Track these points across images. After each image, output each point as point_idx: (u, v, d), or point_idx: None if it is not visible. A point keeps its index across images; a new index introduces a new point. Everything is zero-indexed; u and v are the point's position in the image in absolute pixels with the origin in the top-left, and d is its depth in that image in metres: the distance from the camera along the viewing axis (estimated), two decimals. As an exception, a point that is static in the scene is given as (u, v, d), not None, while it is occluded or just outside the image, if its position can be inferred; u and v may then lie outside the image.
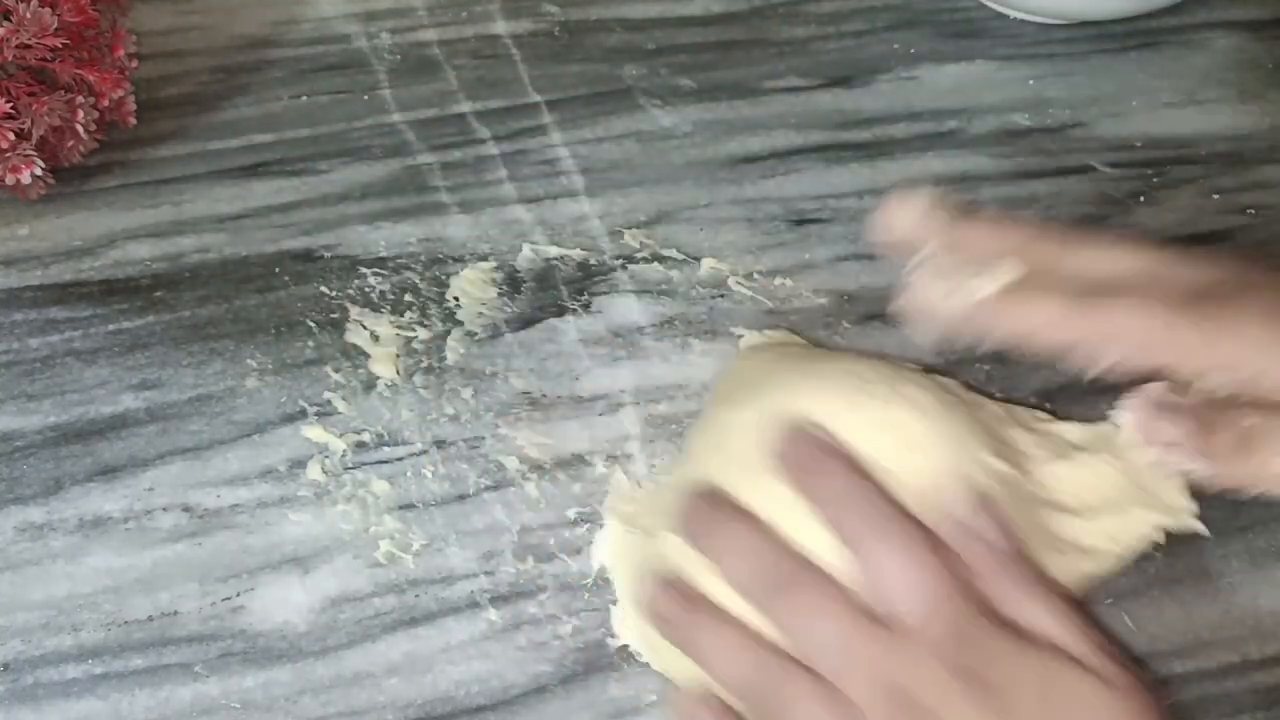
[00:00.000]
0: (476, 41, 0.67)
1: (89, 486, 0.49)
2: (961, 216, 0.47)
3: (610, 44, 0.67)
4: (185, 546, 0.48)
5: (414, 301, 0.56)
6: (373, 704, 0.45)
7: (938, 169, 0.62)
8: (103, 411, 0.52)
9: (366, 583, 0.48)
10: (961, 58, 0.67)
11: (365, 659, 0.46)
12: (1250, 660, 0.48)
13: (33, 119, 0.53)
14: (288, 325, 0.55)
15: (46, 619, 0.46)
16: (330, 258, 0.57)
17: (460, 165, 0.61)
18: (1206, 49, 0.68)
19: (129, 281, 0.56)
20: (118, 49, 0.56)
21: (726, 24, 0.68)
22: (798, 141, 0.63)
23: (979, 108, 0.65)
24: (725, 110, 0.64)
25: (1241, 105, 0.66)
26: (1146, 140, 0.64)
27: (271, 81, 0.64)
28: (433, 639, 0.47)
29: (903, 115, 0.64)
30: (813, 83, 0.66)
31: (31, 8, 0.51)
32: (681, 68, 0.66)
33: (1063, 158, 0.63)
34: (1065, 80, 0.67)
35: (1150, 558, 0.50)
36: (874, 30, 0.68)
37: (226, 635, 0.46)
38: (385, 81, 0.64)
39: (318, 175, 0.60)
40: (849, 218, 0.60)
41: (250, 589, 0.47)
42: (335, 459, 0.51)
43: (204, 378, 0.53)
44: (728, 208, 0.60)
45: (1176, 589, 0.49)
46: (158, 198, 0.59)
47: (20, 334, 0.54)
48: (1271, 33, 0.69)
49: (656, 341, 0.55)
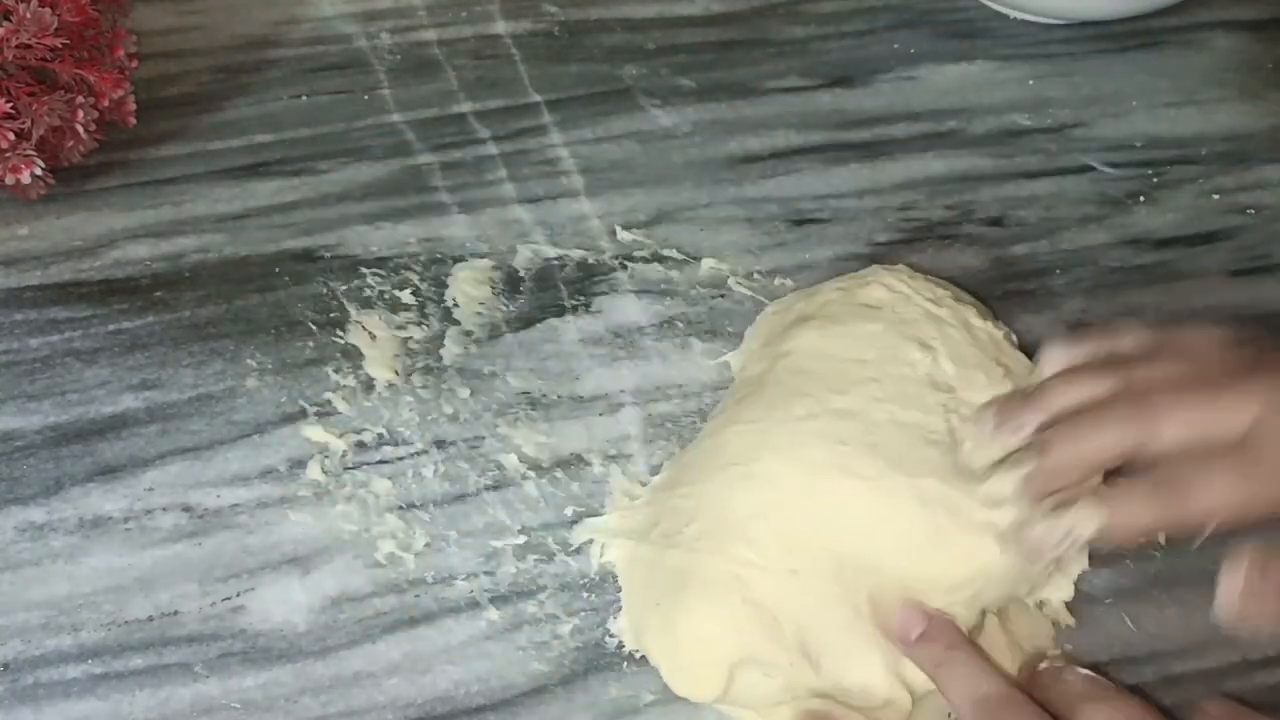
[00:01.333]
0: (476, 41, 0.67)
1: (89, 486, 0.49)
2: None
3: (610, 44, 0.67)
4: (185, 546, 0.48)
5: (413, 301, 0.56)
6: (373, 704, 0.45)
7: (938, 169, 0.62)
8: (103, 411, 0.52)
9: (366, 583, 0.48)
10: (961, 58, 0.67)
11: (365, 659, 0.46)
12: (1250, 660, 0.48)
13: (33, 119, 0.53)
14: (288, 325, 0.55)
15: (46, 619, 0.46)
16: (330, 258, 0.57)
17: (460, 165, 0.61)
18: (1206, 49, 0.68)
19: (129, 281, 0.56)
20: (118, 49, 0.56)
21: (726, 24, 0.68)
22: (798, 141, 0.63)
23: (979, 108, 0.65)
24: (725, 110, 0.64)
25: (1241, 105, 0.66)
26: (1146, 140, 0.64)
27: (271, 81, 0.64)
28: (433, 639, 0.47)
29: (903, 115, 0.64)
30: (813, 83, 0.66)
31: (31, 8, 0.51)
32: (681, 68, 0.66)
33: (1063, 158, 0.63)
34: (1065, 80, 0.67)
35: (1150, 558, 0.50)
36: (874, 30, 0.68)
37: (226, 635, 0.46)
38: (385, 81, 0.64)
39: (318, 175, 0.60)
40: (849, 218, 0.60)
41: (250, 589, 0.47)
42: (335, 459, 0.51)
43: (204, 378, 0.53)
44: (728, 208, 0.60)
45: (1176, 589, 0.49)
46: (158, 198, 0.59)
47: (20, 334, 0.54)
48: (1271, 33, 0.69)
49: (656, 341, 0.55)
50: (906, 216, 0.60)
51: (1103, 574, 0.49)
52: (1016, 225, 0.60)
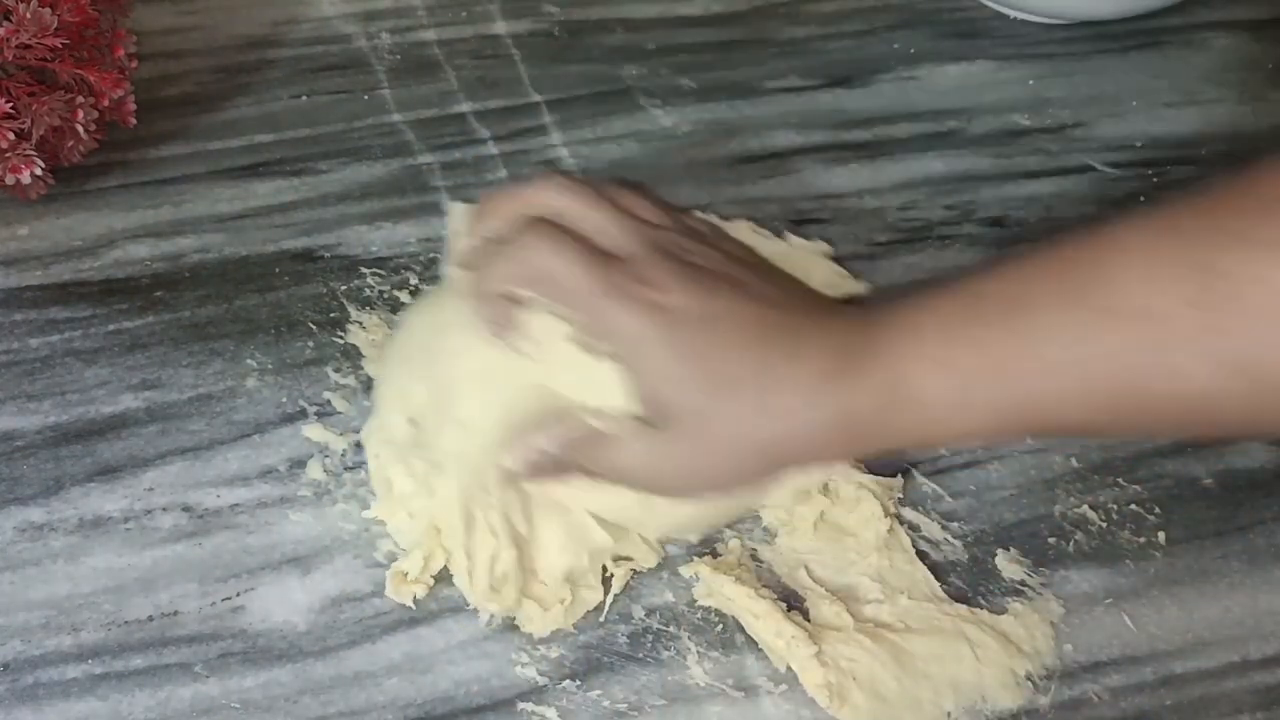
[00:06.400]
0: (476, 41, 0.67)
1: (89, 486, 0.49)
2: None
3: (610, 44, 0.67)
4: (185, 546, 0.48)
5: (412, 302, 0.55)
6: (373, 704, 0.45)
7: (938, 169, 0.62)
8: (103, 411, 0.52)
9: (366, 583, 0.48)
10: (961, 58, 0.67)
11: (365, 659, 0.46)
12: (1250, 660, 0.48)
13: (33, 119, 0.53)
14: (288, 325, 0.55)
15: (46, 619, 0.46)
16: (330, 258, 0.57)
17: (460, 165, 0.61)
18: (1206, 49, 0.68)
19: (129, 281, 0.56)
20: (118, 49, 0.56)
21: (726, 24, 0.68)
22: (798, 141, 0.63)
23: (979, 108, 0.65)
24: (725, 110, 0.64)
25: (1241, 105, 0.66)
26: (1146, 140, 0.64)
27: (271, 81, 0.64)
28: (433, 639, 0.47)
29: (903, 115, 0.64)
30: (813, 83, 0.66)
31: (31, 8, 0.51)
32: (681, 68, 0.66)
33: (1063, 158, 0.63)
34: (1065, 80, 0.67)
35: (1150, 557, 0.50)
36: (874, 30, 0.68)
37: (226, 635, 0.46)
38: (385, 81, 0.64)
39: (318, 175, 0.60)
40: (849, 218, 0.60)
41: (250, 589, 0.47)
42: (335, 459, 0.51)
43: (204, 378, 0.53)
44: (728, 208, 0.60)
45: (1176, 589, 0.49)
46: (158, 198, 0.59)
47: (20, 334, 0.54)
48: (1271, 33, 0.69)
49: (656, 341, 0.55)
50: (906, 216, 0.60)
51: (1103, 574, 0.49)
52: (1016, 225, 0.60)
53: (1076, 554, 0.50)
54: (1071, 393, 0.41)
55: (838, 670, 0.45)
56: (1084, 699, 0.46)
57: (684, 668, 0.46)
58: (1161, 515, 0.51)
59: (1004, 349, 0.42)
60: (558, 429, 0.45)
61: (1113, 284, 0.40)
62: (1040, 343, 0.41)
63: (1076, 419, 0.43)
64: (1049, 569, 0.49)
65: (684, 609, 0.48)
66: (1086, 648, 0.48)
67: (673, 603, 0.48)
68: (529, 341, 0.46)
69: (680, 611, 0.48)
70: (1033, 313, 0.41)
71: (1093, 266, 0.41)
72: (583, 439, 0.45)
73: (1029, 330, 0.41)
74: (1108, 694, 0.47)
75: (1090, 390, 0.41)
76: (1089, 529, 0.51)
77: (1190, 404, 0.40)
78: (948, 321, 0.43)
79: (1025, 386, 0.42)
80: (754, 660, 0.47)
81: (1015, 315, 0.42)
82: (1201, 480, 0.52)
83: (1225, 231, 0.39)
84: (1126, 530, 0.51)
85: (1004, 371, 0.42)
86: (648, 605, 0.48)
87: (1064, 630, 0.48)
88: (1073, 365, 0.41)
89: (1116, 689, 0.47)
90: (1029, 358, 0.41)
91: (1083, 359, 0.40)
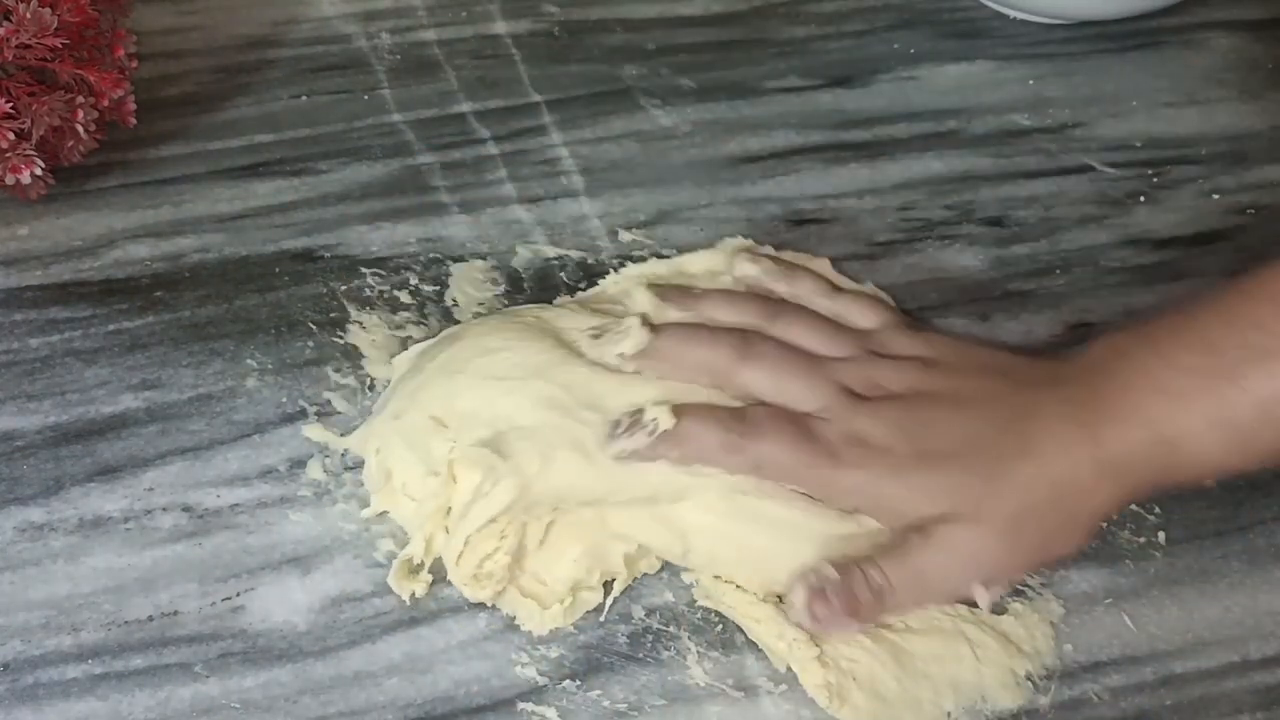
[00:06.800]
0: (476, 41, 0.67)
1: (89, 486, 0.49)
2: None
3: (610, 44, 0.67)
4: (185, 546, 0.48)
5: (412, 302, 0.56)
6: (373, 704, 0.45)
7: (938, 169, 0.62)
8: (103, 411, 0.52)
9: (366, 583, 0.48)
10: (961, 58, 0.67)
11: (365, 659, 0.46)
12: (1250, 660, 0.48)
13: (33, 119, 0.53)
14: (288, 325, 0.55)
15: (46, 619, 0.46)
16: (330, 258, 0.57)
17: (460, 165, 0.61)
18: (1206, 49, 0.68)
19: (129, 281, 0.56)
20: (118, 49, 0.56)
21: (726, 24, 0.68)
22: (798, 141, 0.63)
23: (979, 108, 0.65)
24: (725, 110, 0.64)
25: (1241, 105, 0.66)
26: (1146, 140, 0.64)
27: (271, 81, 0.64)
28: (433, 639, 0.47)
29: (903, 115, 0.65)
30: (813, 83, 0.66)
31: (31, 8, 0.51)
32: (681, 68, 0.66)
33: (1063, 158, 0.63)
34: (1065, 80, 0.67)
35: (1150, 557, 0.50)
36: (874, 30, 0.68)
37: (226, 635, 0.46)
38: (385, 81, 0.64)
39: (318, 175, 0.60)
40: (849, 218, 0.60)
41: (250, 589, 0.47)
42: (335, 459, 0.51)
43: (204, 378, 0.53)
44: (728, 208, 0.60)
45: (1176, 589, 0.49)
46: (158, 198, 0.59)
47: (20, 334, 0.54)
48: (1271, 33, 0.69)
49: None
50: (906, 216, 0.60)
51: (1103, 574, 0.49)
52: (1016, 225, 0.61)
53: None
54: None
55: (838, 670, 0.45)
56: (1084, 699, 0.46)
57: (684, 668, 0.46)
58: (1161, 515, 0.51)
59: (1241, 376, 0.45)
60: (844, 594, 0.45)
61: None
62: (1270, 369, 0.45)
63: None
64: (1049, 569, 0.49)
65: (684, 609, 0.48)
66: (1086, 648, 0.48)
67: (673, 603, 0.48)
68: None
69: (680, 611, 0.48)
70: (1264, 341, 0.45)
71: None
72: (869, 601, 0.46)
73: (1262, 359, 0.45)
74: (1108, 694, 0.47)
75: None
76: (1089, 529, 0.51)
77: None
78: (1174, 356, 0.46)
79: (1270, 412, 0.45)
80: (754, 660, 0.47)
81: (1241, 343, 0.45)
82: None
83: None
84: (1126, 530, 0.51)
85: (1246, 397, 0.45)
86: (648, 605, 0.48)
87: (1064, 630, 0.48)
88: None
89: (1116, 689, 0.47)
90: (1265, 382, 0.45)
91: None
